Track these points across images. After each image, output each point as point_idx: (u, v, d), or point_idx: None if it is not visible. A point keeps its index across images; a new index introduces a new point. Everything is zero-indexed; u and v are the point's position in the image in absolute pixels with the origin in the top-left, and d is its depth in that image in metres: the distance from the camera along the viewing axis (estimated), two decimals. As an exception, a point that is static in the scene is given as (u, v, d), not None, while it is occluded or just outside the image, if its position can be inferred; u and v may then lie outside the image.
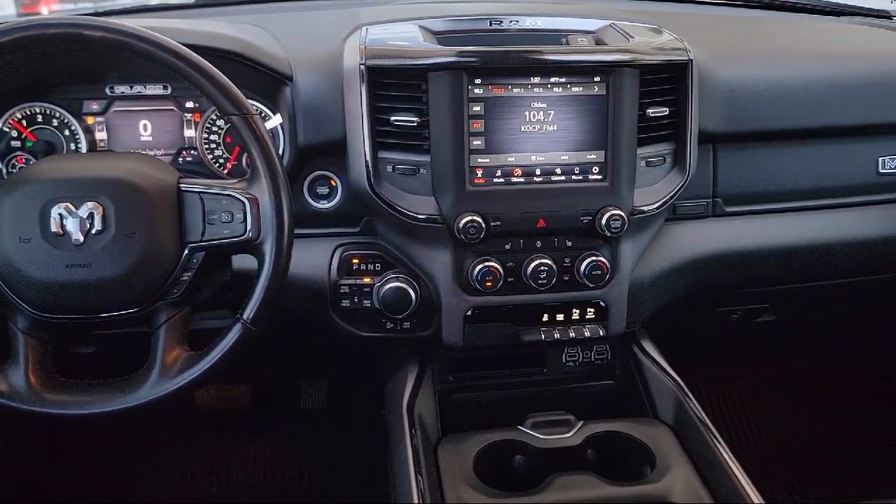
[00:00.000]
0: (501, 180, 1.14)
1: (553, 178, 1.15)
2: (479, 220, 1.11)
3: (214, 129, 1.22)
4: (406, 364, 1.27)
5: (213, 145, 1.22)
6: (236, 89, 0.94)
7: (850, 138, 1.38)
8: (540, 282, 1.16)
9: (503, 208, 1.13)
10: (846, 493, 1.78)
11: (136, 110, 1.20)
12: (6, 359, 0.95)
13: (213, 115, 1.21)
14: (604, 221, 1.14)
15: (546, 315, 1.22)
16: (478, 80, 1.10)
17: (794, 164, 1.35)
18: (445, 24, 1.21)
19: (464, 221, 1.11)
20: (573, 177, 1.15)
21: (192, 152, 1.22)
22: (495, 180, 1.13)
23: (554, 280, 1.17)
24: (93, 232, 0.90)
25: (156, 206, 0.93)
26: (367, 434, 1.80)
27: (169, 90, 1.20)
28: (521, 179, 1.14)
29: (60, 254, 0.90)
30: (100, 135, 1.20)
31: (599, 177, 1.15)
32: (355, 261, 1.20)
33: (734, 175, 1.32)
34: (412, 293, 1.17)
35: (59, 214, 0.89)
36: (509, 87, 1.11)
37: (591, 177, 1.15)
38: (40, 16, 1.15)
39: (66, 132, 1.19)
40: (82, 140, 1.19)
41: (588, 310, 1.22)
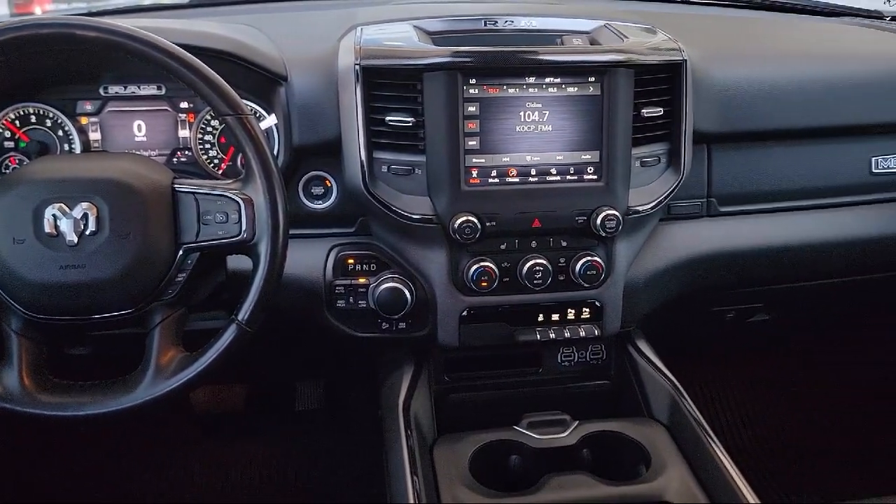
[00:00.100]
0: (496, 180, 1.14)
1: (548, 179, 1.15)
2: (474, 220, 1.11)
3: (209, 129, 1.22)
4: (402, 364, 1.27)
5: (207, 146, 1.22)
6: (231, 89, 0.94)
7: (843, 138, 1.38)
8: (535, 282, 1.17)
9: (498, 208, 1.13)
10: (841, 492, 1.78)
11: (131, 111, 1.20)
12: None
13: (208, 116, 1.21)
14: (599, 221, 1.14)
15: (541, 315, 1.22)
16: (473, 81, 1.10)
17: (788, 164, 1.35)
18: (440, 25, 1.21)
19: (459, 221, 1.11)
20: (568, 177, 1.15)
21: (186, 153, 1.22)
22: (490, 180, 1.14)
23: (549, 280, 1.17)
24: (87, 233, 0.90)
25: (150, 207, 0.92)
26: (363, 434, 1.80)
27: (163, 90, 1.19)
28: (517, 179, 1.14)
29: (54, 255, 0.89)
30: (94, 135, 1.19)
31: (594, 177, 1.16)
32: (350, 261, 1.20)
33: (728, 175, 1.33)
34: (407, 293, 1.17)
35: (53, 215, 0.89)
36: (504, 88, 1.11)
37: (586, 177, 1.15)
38: (34, 16, 1.15)
39: (60, 132, 1.18)
40: (76, 140, 1.18)
41: (583, 310, 1.23)
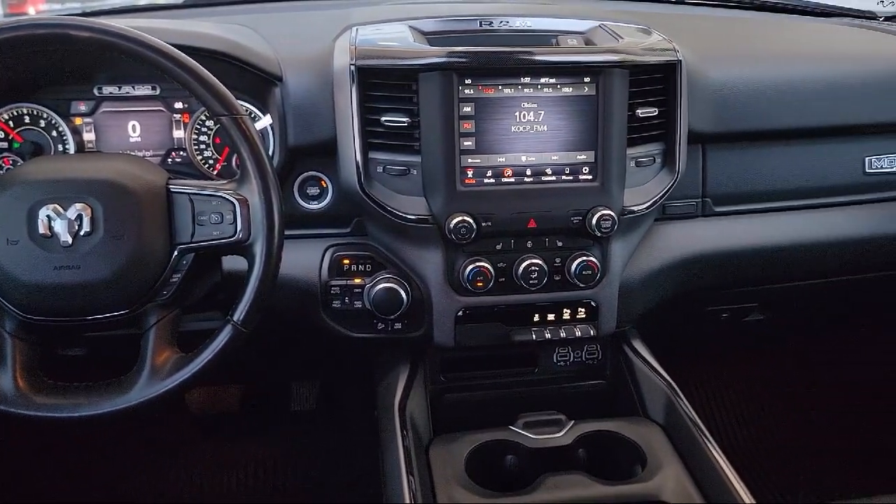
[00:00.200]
0: (492, 180, 1.14)
1: (543, 179, 1.15)
2: (469, 220, 1.11)
3: (204, 129, 1.21)
4: (397, 365, 1.27)
5: (202, 146, 1.22)
6: (225, 90, 0.94)
7: (837, 138, 1.39)
8: (531, 282, 1.17)
9: (494, 208, 1.13)
10: (835, 491, 1.79)
11: (125, 111, 1.19)
12: None
13: (203, 116, 1.20)
14: (594, 221, 1.14)
15: (537, 315, 1.22)
16: (468, 81, 1.10)
17: (782, 164, 1.36)
18: (436, 25, 1.21)
19: (455, 222, 1.11)
20: (563, 177, 1.15)
21: (181, 153, 1.21)
22: (486, 181, 1.14)
23: (545, 280, 1.17)
24: (81, 233, 0.89)
25: (145, 208, 0.92)
26: (359, 435, 1.80)
27: (158, 91, 1.19)
28: (512, 180, 1.14)
29: (48, 255, 0.89)
30: (88, 136, 1.19)
31: (590, 177, 1.16)
32: (346, 261, 1.20)
33: (723, 175, 1.33)
34: (403, 294, 1.17)
35: (48, 216, 0.89)
36: (500, 88, 1.11)
37: (581, 177, 1.16)
38: (28, 16, 1.14)
39: (54, 133, 1.18)
40: (70, 141, 1.18)
41: (579, 309, 1.23)
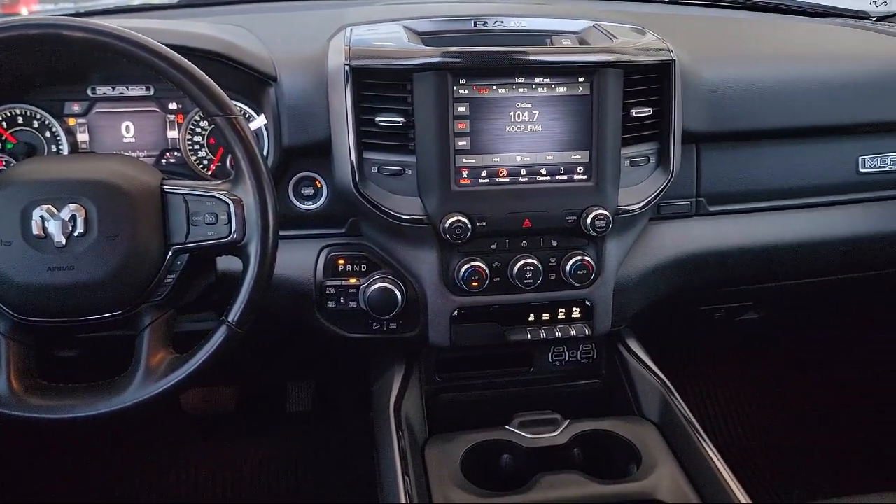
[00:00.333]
0: (487, 180, 1.14)
1: (538, 178, 1.15)
2: (464, 220, 1.11)
3: (198, 130, 1.21)
4: (393, 365, 1.27)
5: (196, 146, 1.21)
6: (220, 90, 0.94)
7: (830, 138, 1.39)
8: (526, 281, 1.17)
9: (489, 208, 1.13)
10: (830, 489, 1.80)
11: (119, 111, 1.19)
12: None
13: (197, 117, 1.20)
14: (589, 221, 1.14)
15: (532, 315, 1.22)
16: (463, 81, 1.10)
17: (776, 164, 1.36)
18: (430, 25, 1.21)
19: (449, 222, 1.11)
20: (558, 177, 1.15)
21: (175, 154, 1.21)
22: (481, 180, 1.14)
23: (540, 280, 1.17)
24: (75, 234, 0.89)
25: (139, 208, 0.92)
26: (354, 435, 1.80)
27: (152, 91, 1.19)
28: (507, 179, 1.14)
29: (42, 256, 0.89)
30: (81, 136, 1.18)
31: (584, 176, 1.16)
32: (341, 262, 1.20)
33: (717, 174, 1.33)
34: (398, 294, 1.17)
35: (41, 217, 0.88)
36: (494, 88, 1.11)
37: (575, 177, 1.16)
38: (21, 16, 1.14)
39: (48, 134, 1.17)
40: (64, 142, 1.18)
41: (574, 309, 1.23)
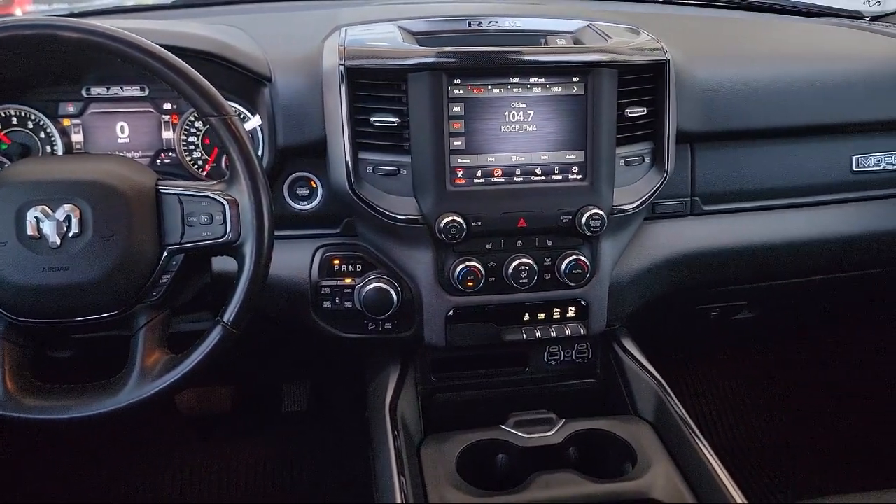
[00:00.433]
0: (482, 180, 1.14)
1: (533, 178, 1.15)
2: (459, 220, 1.11)
3: (193, 130, 1.21)
4: (388, 365, 1.27)
5: (191, 147, 1.21)
6: (214, 90, 0.94)
7: (824, 137, 1.40)
8: (521, 281, 1.17)
9: (484, 208, 1.13)
10: (824, 489, 1.80)
11: (113, 112, 1.19)
12: None
13: (192, 117, 1.20)
14: (584, 220, 1.14)
15: (527, 314, 1.22)
16: (457, 81, 1.10)
17: (770, 163, 1.36)
18: (425, 25, 1.21)
19: (445, 222, 1.11)
20: (553, 176, 1.16)
21: (170, 154, 1.21)
22: (476, 180, 1.14)
23: (535, 279, 1.17)
24: (70, 235, 0.89)
25: (134, 209, 0.92)
26: (350, 435, 1.80)
27: (146, 92, 1.19)
28: (502, 179, 1.14)
29: (37, 257, 0.89)
30: (76, 137, 1.18)
31: (579, 176, 1.16)
32: (336, 262, 1.20)
33: (711, 174, 1.34)
34: (394, 294, 1.17)
35: (36, 217, 0.88)
36: (489, 88, 1.11)
37: (570, 176, 1.16)
38: (14, 17, 1.14)
39: (42, 134, 1.17)
40: (58, 142, 1.17)
41: (569, 308, 1.23)
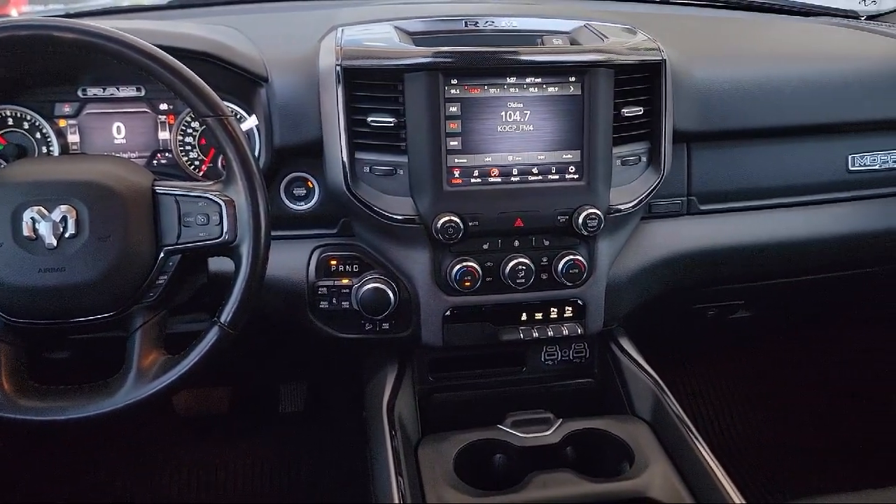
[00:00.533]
0: (479, 180, 1.14)
1: (530, 178, 1.15)
2: (456, 220, 1.11)
3: (189, 131, 1.21)
4: (385, 365, 1.27)
5: (188, 147, 1.21)
6: (210, 90, 0.94)
7: (820, 137, 1.40)
8: (518, 281, 1.17)
9: (481, 208, 1.13)
10: (821, 488, 1.80)
11: (109, 112, 1.19)
12: None
13: (188, 117, 1.20)
14: (580, 220, 1.14)
15: (524, 314, 1.22)
16: (454, 81, 1.10)
17: (767, 163, 1.36)
18: (421, 25, 1.21)
19: (441, 222, 1.11)
20: (550, 176, 1.16)
21: (166, 155, 1.21)
22: (472, 180, 1.14)
23: (532, 279, 1.18)
24: (66, 236, 0.89)
25: (130, 209, 0.92)
26: (347, 435, 1.79)
27: (142, 92, 1.18)
28: (499, 179, 1.14)
29: (33, 258, 0.88)
30: (72, 137, 1.18)
31: (576, 176, 1.16)
32: (333, 262, 1.20)
33: (708, 173, 1.34)
34: (391, 294, 1.17)
35: (32, 218, 0.88)
36: (485, 88, 1.11)
37: (567, 176, 1.16)
38: (10, 18, 1.14)
39: (38, 135, 1.17)
40: (54, 143, 1.17)
41: (566, 308, 1.23)
